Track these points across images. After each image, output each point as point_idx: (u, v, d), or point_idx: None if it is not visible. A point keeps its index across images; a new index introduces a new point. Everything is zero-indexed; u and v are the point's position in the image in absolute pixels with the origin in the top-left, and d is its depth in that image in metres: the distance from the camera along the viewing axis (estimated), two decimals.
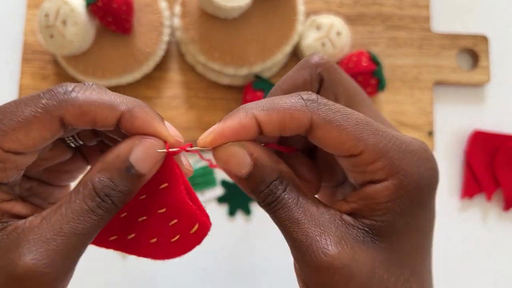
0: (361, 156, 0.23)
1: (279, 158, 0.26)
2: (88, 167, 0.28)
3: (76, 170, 0.29)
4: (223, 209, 0.55)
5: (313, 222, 0.23)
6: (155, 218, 0.25)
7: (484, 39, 0.58)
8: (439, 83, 0.58)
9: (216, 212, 0.55)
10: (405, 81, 0.57)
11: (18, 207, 0.23)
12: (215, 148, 0.25)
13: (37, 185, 0.27)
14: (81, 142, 0.28)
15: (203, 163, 0.55)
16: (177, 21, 0.53)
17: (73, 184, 0.27)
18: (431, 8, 0.59)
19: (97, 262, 0.54)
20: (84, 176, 0.23)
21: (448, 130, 0.58)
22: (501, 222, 0.56)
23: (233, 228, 0.55)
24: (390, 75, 0.57)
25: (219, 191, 0.55)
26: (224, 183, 0.55)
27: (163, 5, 0.53)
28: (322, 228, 0.23)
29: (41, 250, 0.21)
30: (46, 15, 0.48)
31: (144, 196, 0.25)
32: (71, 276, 0.24)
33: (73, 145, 0.28)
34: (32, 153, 0.23)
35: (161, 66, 0.55)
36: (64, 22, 0.48)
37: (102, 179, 0.23)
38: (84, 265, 0.55)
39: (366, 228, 0.23)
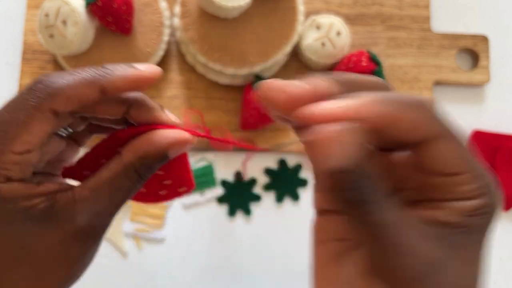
0: (462, 176, 0.22)
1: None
2: (80, 150, 0.31)
3: (71, 155, 0.31)
4: (223, 209, 0.55)
5: (408, 224, 0.22)
6: (151, 176, 0.29)
7: (484, 39, 0.58)
8: (439, 83, 0.58)
9: (216, 212, 0.55)
10: (405, 81, 0.57)
11: (52, 185, 0.26)
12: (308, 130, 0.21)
13: (42, 178, 0.29)
14: (70, 130, 0.30)
15: (203, 163, 0.55)
16: (177, 21, 0.53)
17: None
18: (431, 8, 0.59)
19: (98, 260, 0.54)
20: (123, 158, 0.27)
21: None
22: (500, 222, 0.56)
23: (233, 228, 0.55)
24: (390, 75, 0.57)
25: (219, 191, 0.55)
26: (224, 183, 0.55)
27: (163, 5, 0.53)
28: (415, 229, 0.22)
29: (99, 217, 0.26)
30: (46, 15, 0.48)
31: None
32: None
33: (64, 134, 0.30)
34: (39, 148, 0.26)
35: (161, 66, 0.55)
36: (64, 22, 0.48)
37: (143, 163, 0.26)
38: None
39: (445, 232, 0.23)
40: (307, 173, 0.56)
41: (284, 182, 0.56)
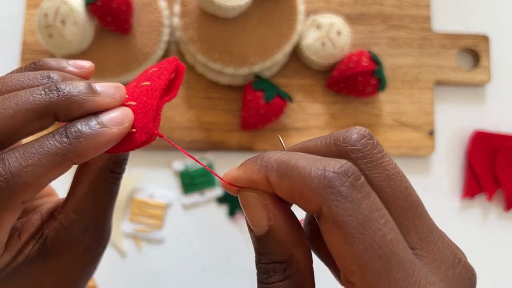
0: (349, 269, 0.18)
1: (304, 237, 0.21)
2: None
3: None
4: (223, 209, 0.55)
5: None
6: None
7: (484, 39, 0.58)
8: (439, 83, 0.57)
9: (216, 212, 0.55)
10: (406, 81, 0.57)
11: (33, 225, 0.25)
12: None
13: (20, 223, 0.28)
14: None
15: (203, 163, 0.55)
16: (176, 21, 0.53)
17: None
18: (431, 8, 0.59)
19: None
20: (91, 166, 0.25)
21: (449, 130, 0.58)
22: (501, 222, 0.56)
23: (233, 228, 0.55)
24: (391, 74, 0.57)
25: (219, 191, 0.55)
26: None
27: (162, 4, 0.53)
28: None
29: (95, 229, 0.25)
30: (45, 15, 0.48)
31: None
32: None
33: None
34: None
35: None
36: (63, 22, 0.48)
37: (116, 162, 0.25)
38: None
39: None
40: None
41: None
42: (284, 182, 0.19)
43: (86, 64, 0.25)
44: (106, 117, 0.22)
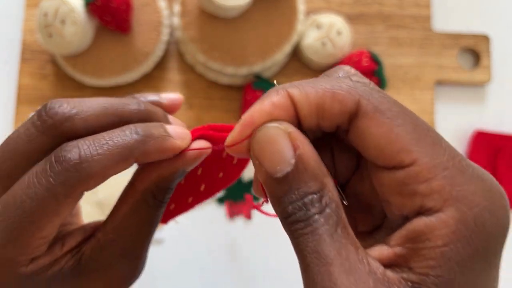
0: (413, 168, 0.18)
1: (326, 168, 0.19)
2: None
3: None
4: (223, 209, 0.55)
5: (347, 268, 0.17)
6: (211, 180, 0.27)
7: (485, 39, 0.58)
8: (440, 83, 0.57)
9: (215, 213, 0.55)
10: (406, 80, 0.57)
11: (74, 240, 0.24)
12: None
13: (63, 234, 0.28)
14: None
15: None
16: (176, 21, 0.52)
17: None
18: (432, 8, 0.59)
19: None
20: (136, 187, 0.24)
21: (449, 130, 0.57)
22: None
23: (232, 229, 0.55)
24: (391, 74, 0.56)
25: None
26: None
27: (162, 4, 0.53)
28: (356, 280, 0.17)
29: (132, 254, 0.24)
30: (45, 15, 0.48)
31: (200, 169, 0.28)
32: None
33: None
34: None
35: (160, 66, 0.55)
36: (63, 22, 0.48)
37: (159, 187, 0.24)
38: None
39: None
40: None
41: None
42: (311, 94, 0.19)
43: (176, 97, 0.28)
44: (172, 129, 0.24)
